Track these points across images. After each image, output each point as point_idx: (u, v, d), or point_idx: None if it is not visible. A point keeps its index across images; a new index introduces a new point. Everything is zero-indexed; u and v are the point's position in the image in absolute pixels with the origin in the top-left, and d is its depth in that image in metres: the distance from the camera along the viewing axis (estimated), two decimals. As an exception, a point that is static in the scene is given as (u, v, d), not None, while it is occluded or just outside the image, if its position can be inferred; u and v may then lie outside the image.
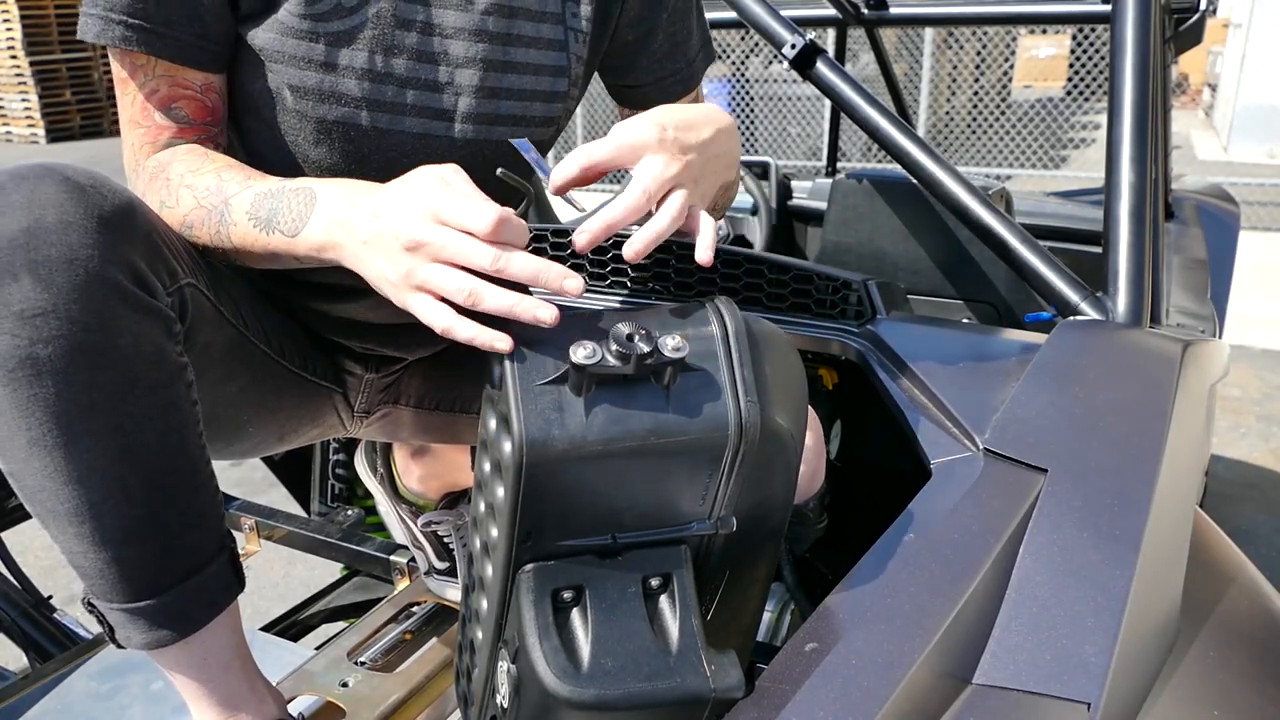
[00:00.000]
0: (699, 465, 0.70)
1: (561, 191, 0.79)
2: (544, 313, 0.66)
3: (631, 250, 0.76)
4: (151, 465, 0.76)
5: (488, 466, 0.73)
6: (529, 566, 0.71)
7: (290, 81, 0.88)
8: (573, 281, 0.69)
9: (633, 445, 0.66)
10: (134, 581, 0.79)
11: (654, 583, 0.71)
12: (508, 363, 0.66)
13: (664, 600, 0.71)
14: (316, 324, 1.07)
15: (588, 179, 0.78)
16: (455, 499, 1.36)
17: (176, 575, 0.81)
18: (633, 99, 1.12)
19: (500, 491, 0.69)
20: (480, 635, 0.79)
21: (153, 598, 0.80)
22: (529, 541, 0.70)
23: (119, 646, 0.83)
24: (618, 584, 0.71)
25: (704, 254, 0.78)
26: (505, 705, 0.73)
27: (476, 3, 0.92)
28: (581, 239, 0.73)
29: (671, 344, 0.67)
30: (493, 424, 0.70)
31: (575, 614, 0.70)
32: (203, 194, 0.84)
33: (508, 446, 0.66)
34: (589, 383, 0.66)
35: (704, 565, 0.77)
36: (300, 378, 1.05)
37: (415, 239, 0.70)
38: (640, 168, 0.77)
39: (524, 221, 0.70)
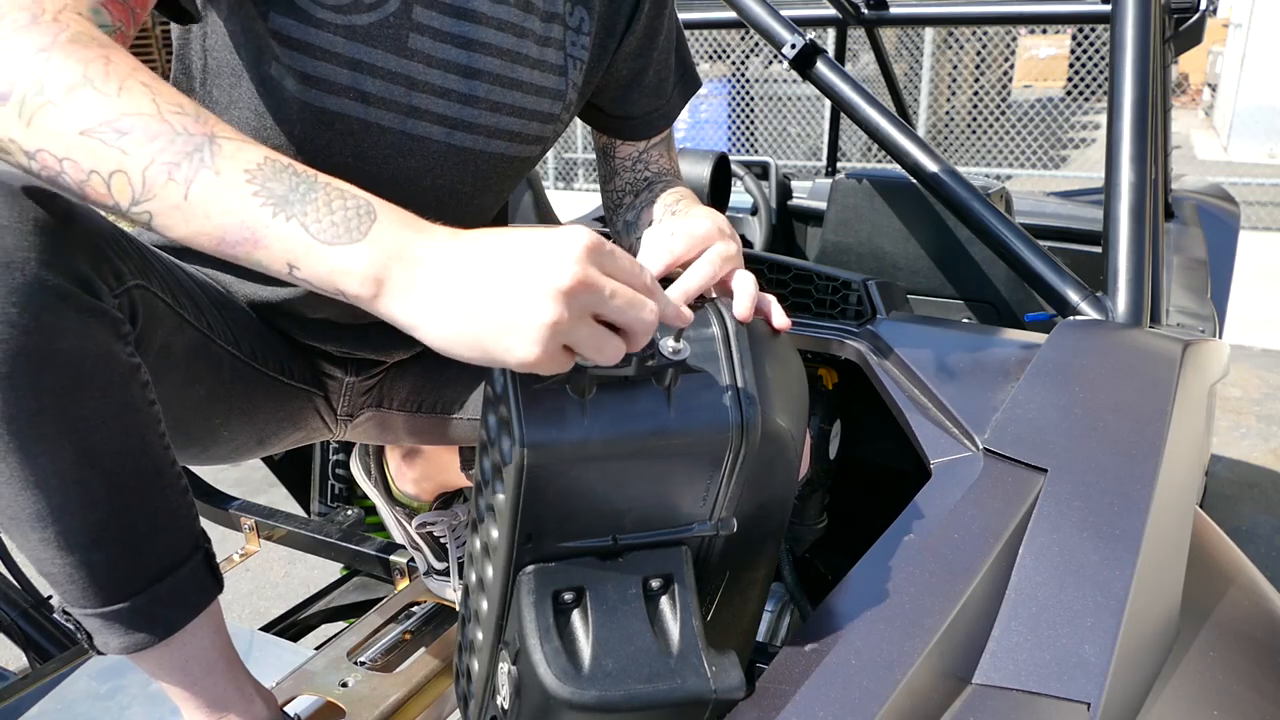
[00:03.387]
0: (700, 467, 0.70)
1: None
2: None
3: (683, 291, 0.81)
4: (111, 468, 0.75)
5: (488, 468, 0.73)
6: (530, 568, 0.71)
7: (302, 69, 0.86)
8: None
9: (634, 447, 0.66)
10: (104, 585, 0.78)
11: (654, 584, 0.71)
12: (508, 364, 0.66)
13: (664, 601, 0.71)
14: (292, 327, 1.06)
15: (669, 272, 0.85)
16: (449, 499, 1.36)
17: (148, 577, 0.80)
18: (618, 130, 1.12)
19: (501, 493, 0.69)
20: (481, 636, 0.79)
21: (125, 601, 0.79)
22: (530, 543, 0.70)
23: (98, 653, 0.82)
24: (618, 585, 0.71)
25: (743, 311, 0.80)
26: (506, 706, 0.73)
27: (492, 17, 0.92)
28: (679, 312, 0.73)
29: (672, 345, 0.67)
30: (493, 426, 0.70)
31: (576, 615, 0.70)
32: (169, 109, 0.62)
33: (509, 448, 0.66)
34: (590, 384, 0.65)
35: (704, 566, 0.77)
36: (276, 381, 1.04)
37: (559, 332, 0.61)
38: (711, 252, 0.84)
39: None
